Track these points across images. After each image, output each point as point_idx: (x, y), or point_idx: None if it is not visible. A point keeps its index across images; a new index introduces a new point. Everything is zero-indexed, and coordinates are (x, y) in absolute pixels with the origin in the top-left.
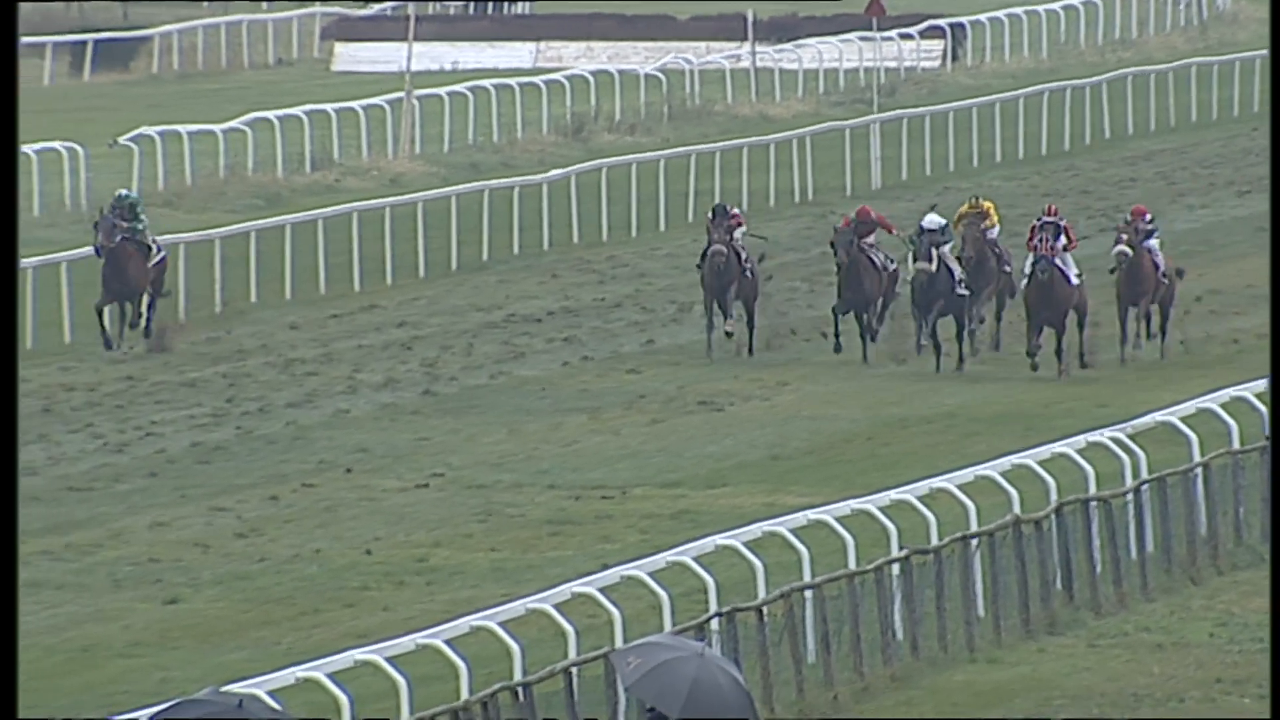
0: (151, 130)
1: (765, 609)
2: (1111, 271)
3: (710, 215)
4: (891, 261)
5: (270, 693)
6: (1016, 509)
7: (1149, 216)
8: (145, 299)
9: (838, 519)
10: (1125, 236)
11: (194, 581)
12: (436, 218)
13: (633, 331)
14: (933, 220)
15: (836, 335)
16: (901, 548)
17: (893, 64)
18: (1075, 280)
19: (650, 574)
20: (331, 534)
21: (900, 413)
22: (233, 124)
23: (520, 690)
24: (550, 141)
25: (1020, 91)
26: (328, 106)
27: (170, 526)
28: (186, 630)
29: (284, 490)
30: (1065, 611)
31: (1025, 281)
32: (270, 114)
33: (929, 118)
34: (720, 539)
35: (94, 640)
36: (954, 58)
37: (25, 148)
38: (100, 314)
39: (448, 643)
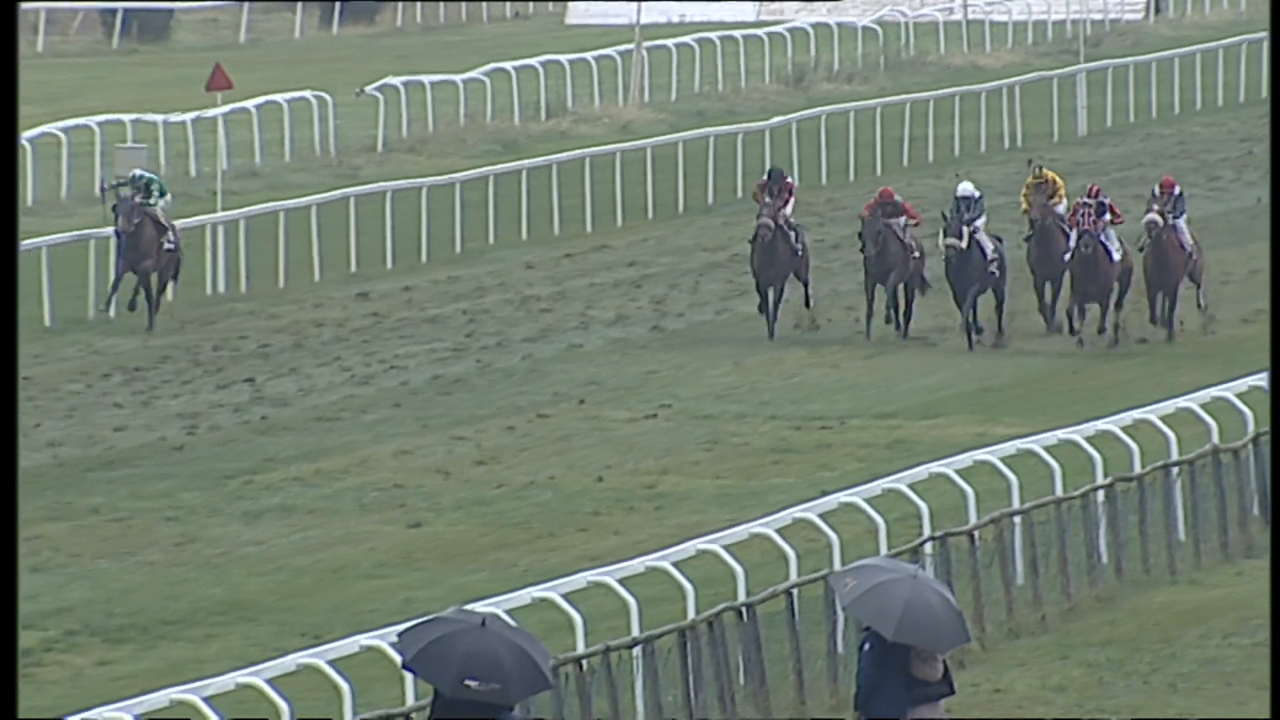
0: (396, 80)
1: (976, 533)
2: (1140, 249)
3: (765, 178)
4: (915, 247)
5: (508, 612)
6: (1215, 439)
7: (1177, 189)
8: (156, 281)
9: (1045, 448)
10: (1156, 206)
11: (436, 506)
12: (664, 163)
13: (850, 270)
14: (966, 188)
15: (869, 316)
16: (1106, 475)
17: (1098, 16)
18: (1116, 256)
19: (866, 500)
20: (565, 462)
21: (1105, 348)
22: (472, 74)
23: (744, 610)
24: (772, 90)
25: (1220, 42)
26: (562, 58)
27: (413, 454)
28: (429, 552)
29: (520, 421)
30: (1262, 536)
31: (1069, 256)
32: (507, 65)
33: (1132, 67)
34: (933, 467)
35: (342, 562)
36: (1156, 10)
37: (277, 97)
38: (115, 286)
39: (675, 565)
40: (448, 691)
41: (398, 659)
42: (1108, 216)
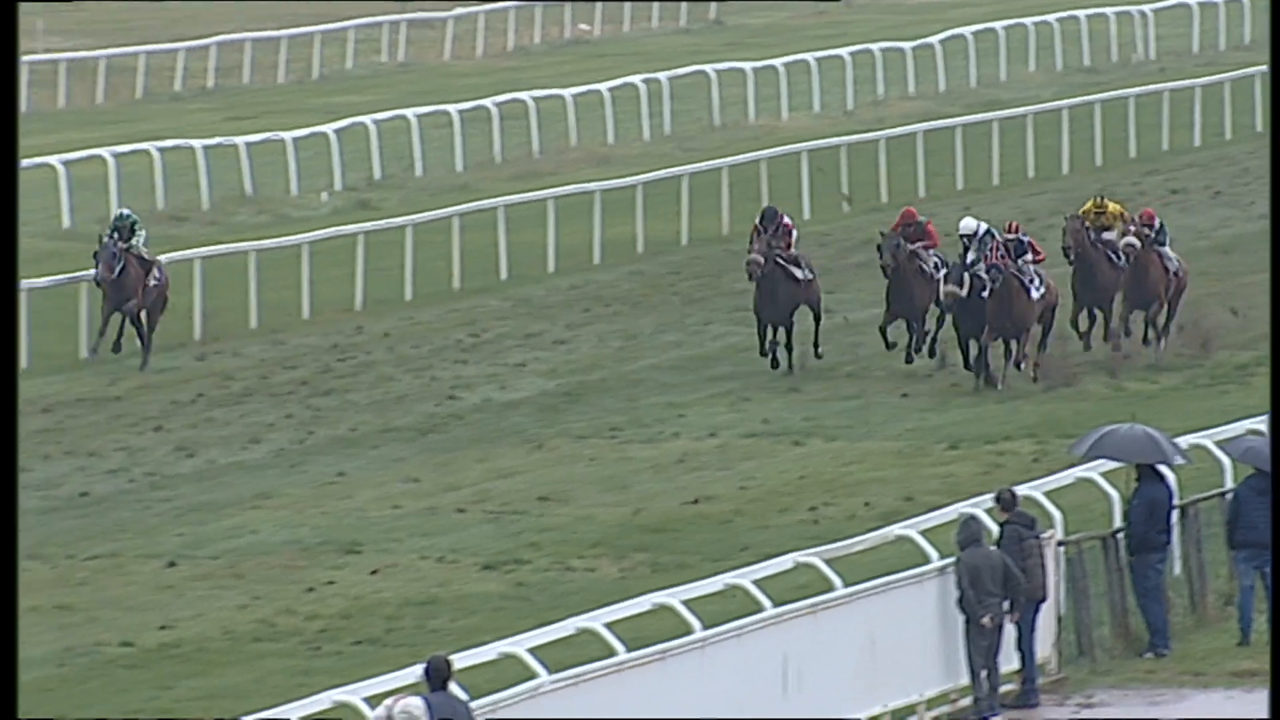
0: None
1: None
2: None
3: (758, 219)
4: (940, 269)
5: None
6: None
7: (1158, 222)
8: (144, 319)
9: None
10: (1134, 228)
11: None
12: None
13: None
14: (968, 225)
15: (886, 345)
16: None
17: None
18: (1036, 294)
19: None
20: None
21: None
22: None
23: None
24: None
25: None
26: None
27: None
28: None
29: None
30: None
31: (986, 292)
32: None
33: None
34: None
35: None
36: None
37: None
38: (103, 330)
39: None
40: None
41: None
42: (1029, 256)
